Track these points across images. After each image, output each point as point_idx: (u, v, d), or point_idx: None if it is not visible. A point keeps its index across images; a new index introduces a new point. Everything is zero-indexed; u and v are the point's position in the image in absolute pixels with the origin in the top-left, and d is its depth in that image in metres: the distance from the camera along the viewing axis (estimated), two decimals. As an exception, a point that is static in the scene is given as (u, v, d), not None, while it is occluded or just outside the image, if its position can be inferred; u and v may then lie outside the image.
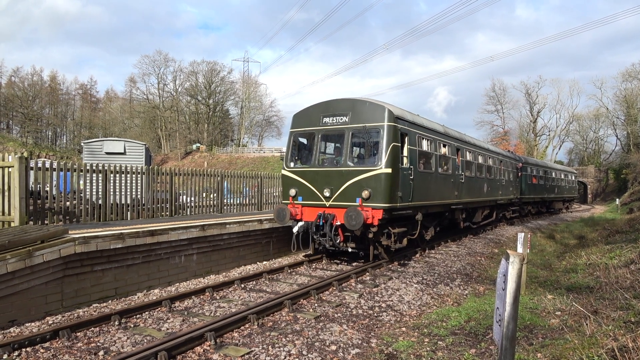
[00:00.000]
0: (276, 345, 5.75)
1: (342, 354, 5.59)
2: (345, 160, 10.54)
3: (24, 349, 5.58)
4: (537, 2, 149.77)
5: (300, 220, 10.89)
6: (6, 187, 9.34)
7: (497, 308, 2.99)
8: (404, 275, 10.18)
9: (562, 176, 35.83)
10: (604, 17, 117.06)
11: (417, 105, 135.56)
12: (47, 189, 10.26)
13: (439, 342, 5.88)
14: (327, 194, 10.49)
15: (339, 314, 7.25)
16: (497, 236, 18.55)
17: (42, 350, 5.59)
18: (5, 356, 5.36)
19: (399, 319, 7.16)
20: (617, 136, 73.19)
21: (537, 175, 27.51)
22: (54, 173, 10.28)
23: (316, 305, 7.72)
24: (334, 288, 8.83)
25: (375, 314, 7.36)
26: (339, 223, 10.14)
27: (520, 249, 8.60)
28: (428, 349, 5.64)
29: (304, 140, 11.77)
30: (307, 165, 11.24)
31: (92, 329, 6.40)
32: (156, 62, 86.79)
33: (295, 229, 10.78)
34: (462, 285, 9.68)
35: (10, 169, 9.28)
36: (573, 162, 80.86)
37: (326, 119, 11.04)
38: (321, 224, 10.35)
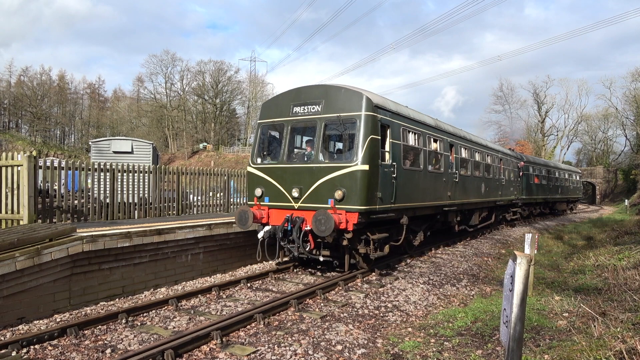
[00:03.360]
0: (282, 345, 5.76)
1: (347, 354, 5.58)
2: (317, 156, 9.33)
3: (32, 347, 5.63)
4: (546, 1, 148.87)
5: (267, 224, 9.67)
6: (15, 186, 9.43)
7: (504, 309, 2.97)
8: (410, 275, 10.16)
9: (566, 176, 34.85)
10: (614, 16, 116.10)
11: (424, 104, 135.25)
12: (56, 187, 10.34)
13: (445, 342, 5.87)
14: (295, 194, 9.30)
15: (345, 314, 7.24)
16: (504, 237, 18.46)
17: (50, 348, 5.64)
18: (14, 353, 5.41)
19: (405, 319, 7.14)
20: (626, 136, 72.53)
21: (539, 174, 26.64)
22: (62, 172, 10.35)
23: (322, 304, 7.72)
24: (340, 288, 8.83)
25: (382, 314, 7.35)
26: (308, 228, 8.89)
27: (527, 250, 8.55)
28: (434, 349, 5.62)
29: (273, 133, 10.50)
30: (275, 161, 10.04)
31: (100, 327, 6.45)
32: (164, 61, 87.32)
33: (260, 235, 9.51)
34: (468, 285, 9.64)
35: (19, 168, 9.37)
36: (581, 162, 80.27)
37: (296, 109, 9.75)
38: (289, 228, 9.16)
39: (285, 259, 10.75)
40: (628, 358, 4.23)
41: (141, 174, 12.15)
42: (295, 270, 10.53)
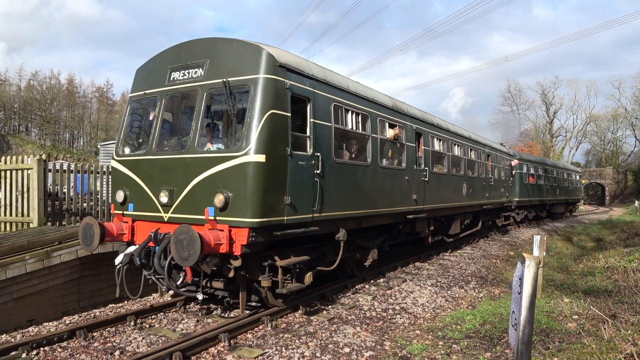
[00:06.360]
0: (290, 347, 5.76)
1: (355, 357, 5.57)
2: (194, 142, 6.51)
3: (42, 348, 5.68)
4: (555, 2, 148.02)
5: (131, 242, 6.90)
6: (25, 189, 9.52)
7: (513, 312, 2.96)
8: (418, 277, 10.12)
9: (565, 175, 32.63)
10: (623, 16, 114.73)
11: (432, 106, 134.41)
12: (65, 190, 10.43)
13: (453, 345, 5.84)
14: (164, 199, 6.48)
15: (352, 316, 7.23)
16: (512, 238, 18.38)
17: (59, 350, 5.69)
18: (24, 355, 5.46)
19: (413, 322, 7.12)
20: (635, 137, 71.95)
21: (535, 173, 24.33)
22: (72, 175, 10.44)
23: (330, 307, 7.72)
24: (348, 290, 8.81)
25: (389, 317, 7.33)
26: None
27: (536, 252, 8.49)
28: (442, 352, 5.60)
29: (148, 111, 7.50)
30: (142, 151, 7.20)
31: (108, 329, 6.49)
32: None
33: (117, 259, 6.70)
34: (477, 287, 9.59)
35: (29, 171, 9.47)
36: (590, 163, 79.73)
37: (175, 74, 6.96)
38: (156, 250, 6.24)
39: (168, 295, 8.04)
40: (639, 361, 4.18)
41: (149, 177, 12.21)
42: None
